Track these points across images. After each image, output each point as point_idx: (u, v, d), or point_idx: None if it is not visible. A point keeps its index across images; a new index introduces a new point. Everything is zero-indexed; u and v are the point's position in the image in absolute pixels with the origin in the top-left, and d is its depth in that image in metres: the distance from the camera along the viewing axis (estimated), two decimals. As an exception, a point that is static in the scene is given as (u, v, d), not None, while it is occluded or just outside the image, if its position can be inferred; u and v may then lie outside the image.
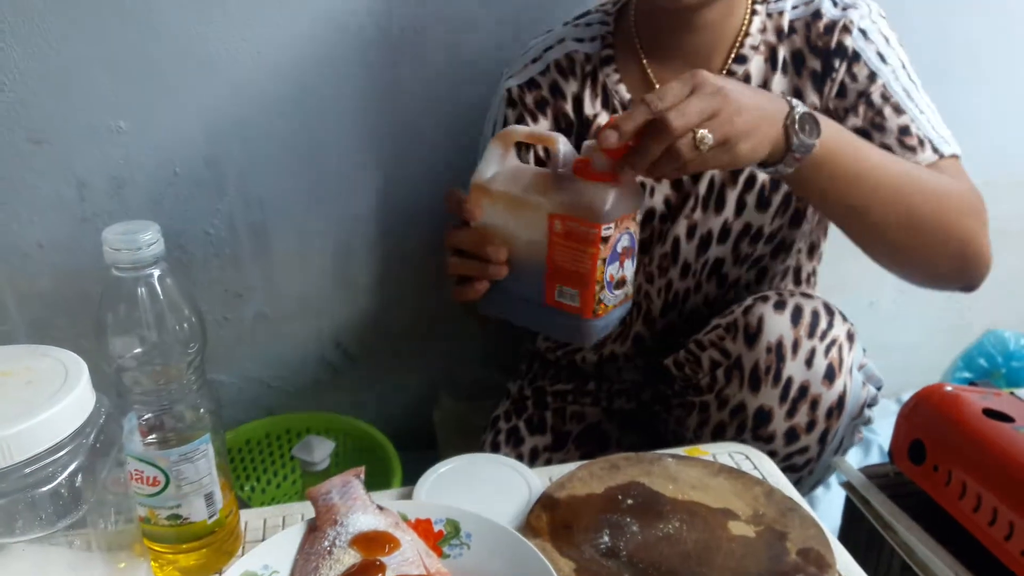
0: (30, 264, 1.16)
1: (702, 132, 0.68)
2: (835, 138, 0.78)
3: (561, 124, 0.99)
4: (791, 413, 0.84)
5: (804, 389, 0.83)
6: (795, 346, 0.83)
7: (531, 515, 0.67)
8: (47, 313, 1.20)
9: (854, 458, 1.41)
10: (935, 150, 0.87)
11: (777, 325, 0.83)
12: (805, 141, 0.74)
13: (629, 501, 0.69)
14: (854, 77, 0.90)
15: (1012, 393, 0.81)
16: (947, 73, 1.37)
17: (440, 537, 0.64)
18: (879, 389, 0.93)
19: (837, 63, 0.90)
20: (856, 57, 0.90)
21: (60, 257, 1.17)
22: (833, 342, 0.84)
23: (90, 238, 1.17)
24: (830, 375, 0.83)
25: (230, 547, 0.67)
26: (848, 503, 0.87)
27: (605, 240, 0.73)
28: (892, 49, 0.91)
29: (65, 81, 1.08)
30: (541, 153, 1.00)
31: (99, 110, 1.11)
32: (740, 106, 0.70)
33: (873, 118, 0.89)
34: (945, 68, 1.36)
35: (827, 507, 1.21)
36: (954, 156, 0.89)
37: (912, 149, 0.87)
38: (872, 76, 0.89)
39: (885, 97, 0.89)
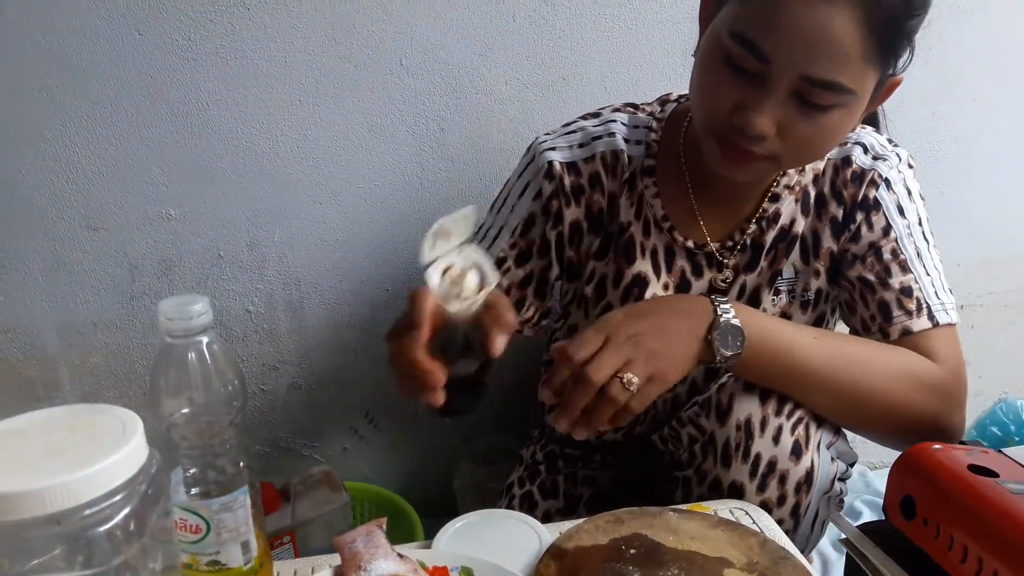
0: (83, 341, 1.25)
1: (627, 376, 0.76)
2: (761, 342, 0.83)
3: (592, 211, 0.98)
4: (762, 488, 0.86)
5: (772, 465, 0.85)
6: (763, 424, 0.85)
7: (540, 564, 0.72)
8: (97, 387, 1.28)
9: (870, 516, 1.44)
10: (931, 318, 0.89)
11: (746, 403, 0.86)
12: (727, 355, 0.81)
13: (632, 551, 0.73)
14: (871, 226, 0.92)
15: (1000, 451, 0.84)
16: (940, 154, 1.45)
17: (455, 582, 0.69)
18: (852, 465, 0.95)
19: (859, 216, 0.92)
20: (876, 206, 0.92)
21: (111, 335, 1.26)
22: (800, 420, 0.86)
23: (139, 316, 1.26)
24: (797, 451, 0.85)
25: (264, 594, 0.72)
26: (848, 559, 0.90)
27: None
28: (913, 203, 0.93)
29: (121, 174, 1.19)
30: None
31: (151, 200, 1.21)
32: (653, 349, 0.78)
33: (880, 272, 0.91)
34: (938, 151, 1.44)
35: (840, 571, 1.22)
36: (949, 325, 0.90)
37: (909, 313, 0.89)
38: (887, 229, 0.91)
39: (895, 253, 0.91)
